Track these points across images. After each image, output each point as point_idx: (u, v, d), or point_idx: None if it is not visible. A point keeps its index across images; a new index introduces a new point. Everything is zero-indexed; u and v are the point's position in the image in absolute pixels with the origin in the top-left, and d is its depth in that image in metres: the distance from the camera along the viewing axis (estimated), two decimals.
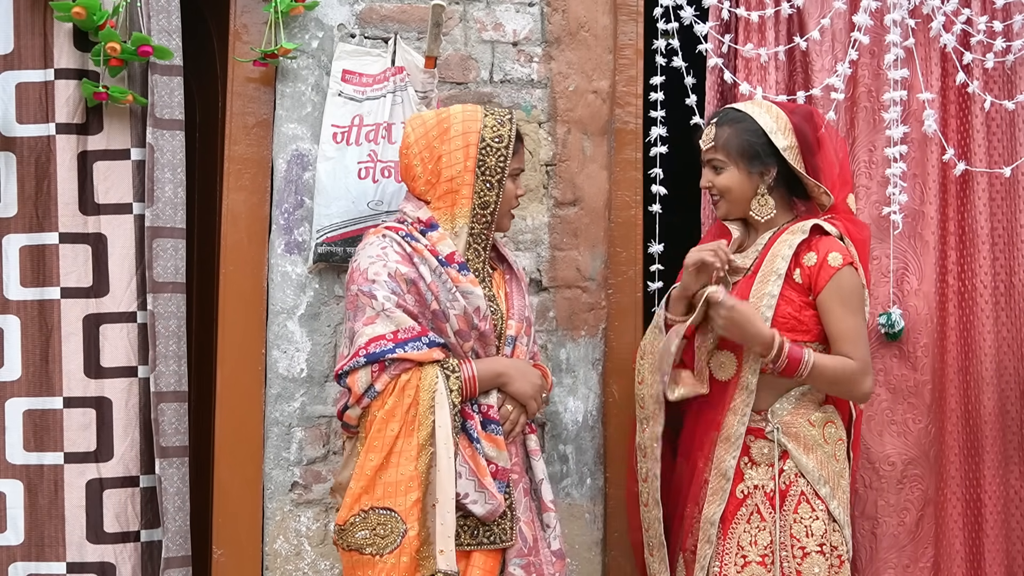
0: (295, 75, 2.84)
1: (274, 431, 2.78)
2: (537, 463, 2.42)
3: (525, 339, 2.42)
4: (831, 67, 2.89)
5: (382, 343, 2.22)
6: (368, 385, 2.23)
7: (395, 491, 2.21)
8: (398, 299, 2.26)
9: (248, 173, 2.83)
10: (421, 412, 2.23)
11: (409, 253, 2.31)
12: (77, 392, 2.70)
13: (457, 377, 2.26)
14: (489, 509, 2.25)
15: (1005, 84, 2.94)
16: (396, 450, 2.22)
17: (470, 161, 2.35)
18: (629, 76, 2.95)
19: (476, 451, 2.27)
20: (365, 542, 2.22)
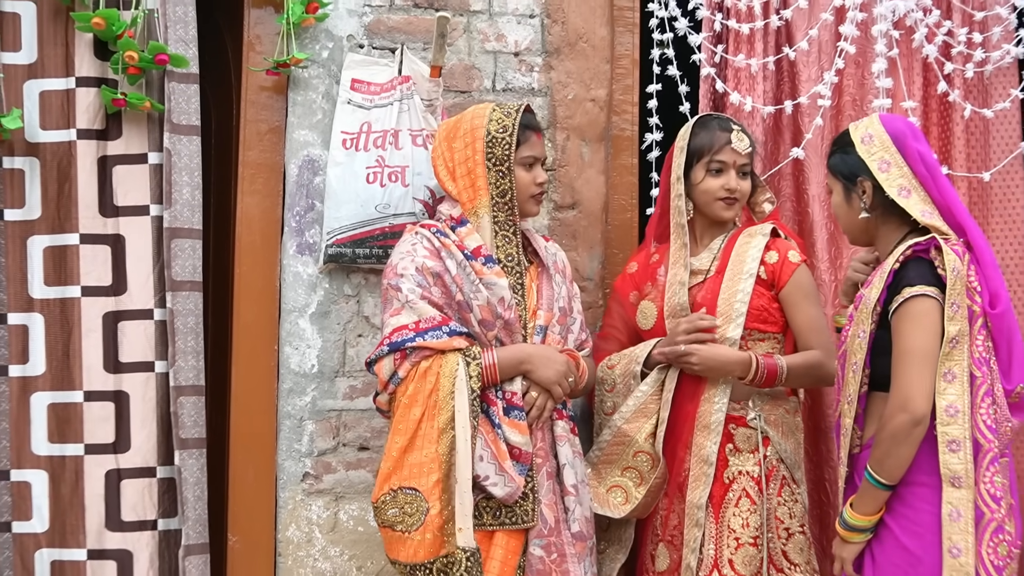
0: (306, 84, 2.86)
1: (286, 424, 2.81)
2: (563, 448, 2.44)
3: (558, 327, 2.46)
4: (818, 76, 2.94)
5: (404, 332, 2.29)
6: (392, 372, 2.31)
7: (419, 472, 2.28)
8: (423, 291, 2.33)
9: (261, 177, 2.86)
10: (442, 397, 2.29)
11: (437, 248, 2.38)
12: (97, 386, 2.73)
13: (477, 364, 2.31)
14: (508, 491, 2.31)
15: (981, 93, 2.99)
16: (420, 433, 2.29)
17: (479, 155, 2.42)
18: (625, 85, 3.00)
19: (497, 436, 2.33)
20: (395, 520, 2.29)
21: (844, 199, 2.35)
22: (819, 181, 2.95)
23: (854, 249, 2.87)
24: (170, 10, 2.73)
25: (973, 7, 2.97)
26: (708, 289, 2.56)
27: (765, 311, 2.53)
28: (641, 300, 2.67)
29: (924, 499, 2.18)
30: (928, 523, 2.17)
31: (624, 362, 2.59)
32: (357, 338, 2.85)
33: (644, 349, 2.57)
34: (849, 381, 2.26)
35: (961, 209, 2.27)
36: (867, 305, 2.23)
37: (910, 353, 2.15)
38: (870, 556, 2.24)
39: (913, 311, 2.16)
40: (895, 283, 2.19)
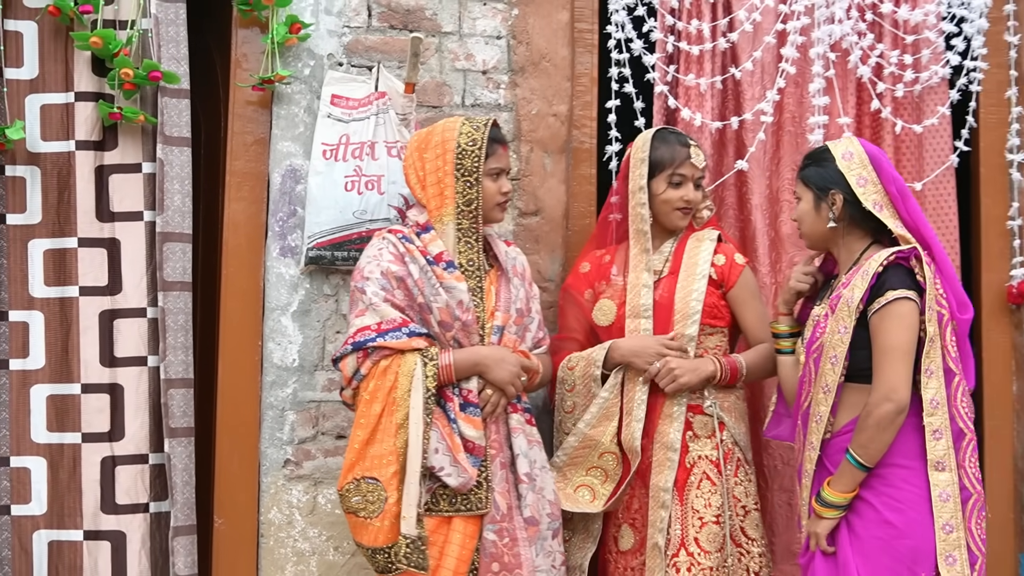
0: (289, 99, 2.92)
1: (269, 414, 2.86)
2: (517, 439, 2.51)
3: (514, 328, 2.52)
4: (760, 95, 3.02)
5: (367, 333, 2.37)
6: (355, 369, 2.38)
7: (379, 464, 2.35)
8: (386, 294, 2.41)
9: (247, 185, 2.90)
10: (399, 395, 2.36)
11: (402, 253, 2.45)
12: (94, 379, 2.79)
13: (434, 364, 2.39)
14: (462, 481, 2.38)
15: (914, 110, 3.09)
16: (380, 427, 2.36)
17: (448, 166, 2.48)
18: (585, 101, 3.07)
19: (452, 430, 2.40)
20: (359, 506, 2.36)
21: (813, 207, 2.46)
22: (761, 191, 3.04)
23: (792, 255, 3.01)
24: (163, 30, 2.79)
25: (904, 31, 3.06)
26: (665, 288, 2.66)
27: (715, 308, 2.68)
28: (597, 298, 2.71)
29: (904, 479, 2.31)
30: (908, 500, 2.31)
31: (583, 364, 2.65)
32: (335, 335, 2.90)
33: (600, 352, 2.63)
34: (826, 372, 2.35)
35: (928, 227, 2.43)
36: (848, 304, 2.33)
37: (894, 349, 2.28)
38: (848, 531, 2.34)
39: (897, 311, 2.29)
40: (878, 285, 2.31)
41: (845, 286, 2.39)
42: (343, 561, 2.88)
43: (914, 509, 2.31)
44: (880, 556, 2.31)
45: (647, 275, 2.66)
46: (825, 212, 2.45)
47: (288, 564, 2.85)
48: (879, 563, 2.31)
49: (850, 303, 2.33)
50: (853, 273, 2.39)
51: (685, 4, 3.05)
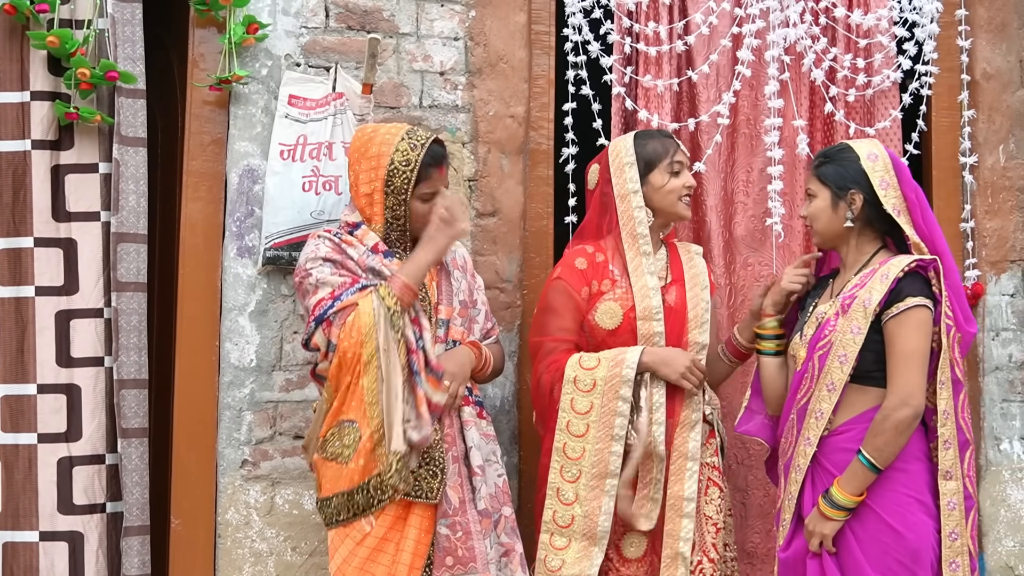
0: (247, 99, 2.93)
1: (226, 414, 2.88)
2: (470, 432, 2.52)
3: (459, 320, 2.55)
4: (716, 97, 3.07)
5: (324, 304, 2.40)
6: (327, 342, 2.40)
7: (358, 405, 2.38)
8: (332, 270, 2.44)
9: (204, 185, 2.91)
10: (366, 332, 2.36)
11: (338, 243, 2.48)
12: (50, 379, 2.80)
13: (386, 288, 2.38)
14: (423, 435, 2.38)
15: (866, 113, 3.15)
16: (357, 372, 2.38)
17: (378, 182, 2.49)
18: (542, 103, 3.11)
19: (416, 383, 2.40)
20: (338, 452, 2.40)
21: (830, 205, 2.48)
22: (716, 193, 3.10)
23: (746, 256, 3.06)
24: (120, 30, 2.81)
25: (857, 35, 3.12)
26: (675, 295, 2.68)
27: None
28: (595, 298, 2.65)
29: (902, 483, 2.36)
30: (907, 504, 2.36)
31: (608, 364, 2.57)
32: (293, 335, 2.92)
33: (635, 355, 2.56)
34: (833, 370, 2.39)
35: (942, 238, 2.48)
36: (864, 305, 2.36)
37: (912, 355, 2.33)
38: (851, 533, 2.37)
39: (916, 318, 2.34)
40: (896, 291, 2.35)
41: (860, 287, 2.41)
42: (301, 561, 2.91)
43: (913, 513, 2.36)
44: (882, 558, 2.35)
45: (651, 278, 2.65)
46: (843, 211, 2.47)
47: (246, 565, 2.87)
48: (881, 564, 2.35)
49: (867, 305, 2.36)
50: (868, 275, 2.42)
51: (642, 6, 3.09)
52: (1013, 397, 3.22)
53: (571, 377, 2.56)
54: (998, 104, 3.27)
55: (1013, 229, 3.24)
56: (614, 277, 2.66)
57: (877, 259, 2.48)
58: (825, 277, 2.67)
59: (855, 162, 2.49)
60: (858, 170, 2.47)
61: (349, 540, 2.43)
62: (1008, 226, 3.23)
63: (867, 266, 2.48)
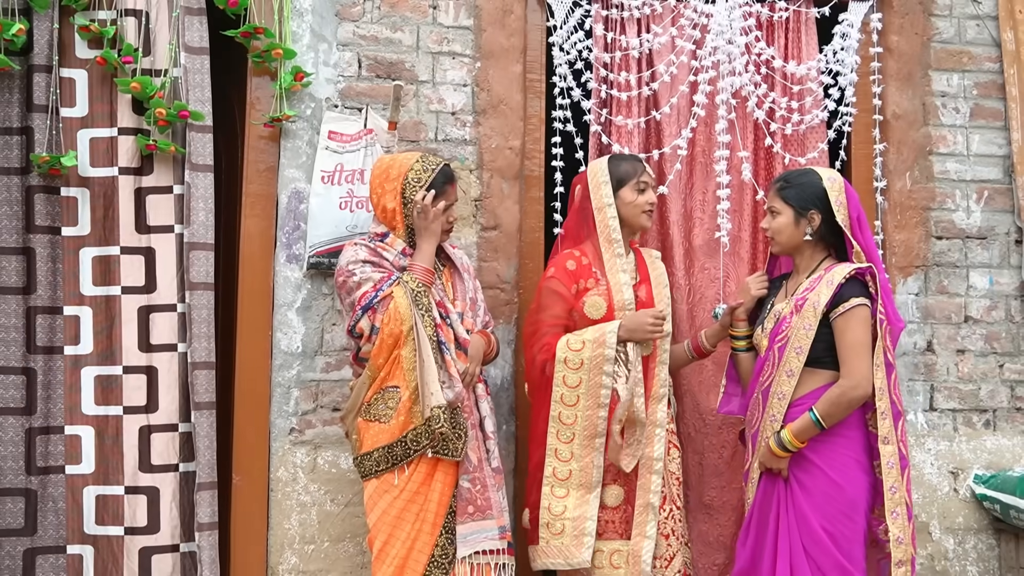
0: (294, 134, 3.15)
1: (277, 391, 3.11)
2: (483, 404, 2.74)
3: (470, 314, 2.76)
4: (676, 133, 3.25)
5: (368, 295, 2.58)
6: (371, 326, 2.58)
7: (400, 373, 2.57)
8: (372, 268, 2.62)
9: (259, 205, 3.14)
10: (403, 312, 2.56)
11: (374, 248, 2.66)
12: (133, 362, 3.06)
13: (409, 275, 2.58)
14: (455, 392, 2.57)
15: (799, 146, 3.38)
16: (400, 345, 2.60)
17: (398, 197, 2.68)
18: (535, 137, 3.30)
19: (444, 352, 2.61)
20: (381, 413, 2.57)
21: (792, 222, 2.64)
22: (678, 210, 3.30)
23: (703, 262, 3.27)
24: (191, 77, 3.07)
25: (791, 82, 3.34)
26: (644, 292, 2.83)
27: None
28: (582, 294, 2.78)
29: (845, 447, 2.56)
30: (847, 463, 2.54)
31: (592, 345, 2.71)
32: (332, 326, 3.17)
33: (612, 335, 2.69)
34: (791, 359, 2.57)
35: (875, 250, 2.67)
36: (815, 307, 2.53)
37: (861, 345, 2.51)
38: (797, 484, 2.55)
39: (858, 315, 2.53)
40: (840, 293, 2.53)
41: (810, 291, 2.58)
42: (338, 511, 3.16)
43: (851, 470, 2.55)
44: (826, 505, 2.54)
45: (624, 275, 2.79)
46: (803, 227, 2.65)
47: (293, 514, 3.12)
48: (826, 510, 2.53)
49: (816, 306, 2.54)
50: (816, 280, 2.59)
51: (615, 60, 3.26)
52: (917, 377, 3.47)
53: (561, 358, 2.73)
54: (905, 139, 3.45)
55: (917, 240, 3.42)
56: (597, 276, 2.81)
57: (823, 266, 2.67)
58: (779, 279, 2.87)
59: (816, 184, 2.66)
60: (818, 192, 2.64)
61: (387, 495, 2.61)
62: (913, 238, 3.43)
63: (815, 272, 2.66)
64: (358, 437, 2.68)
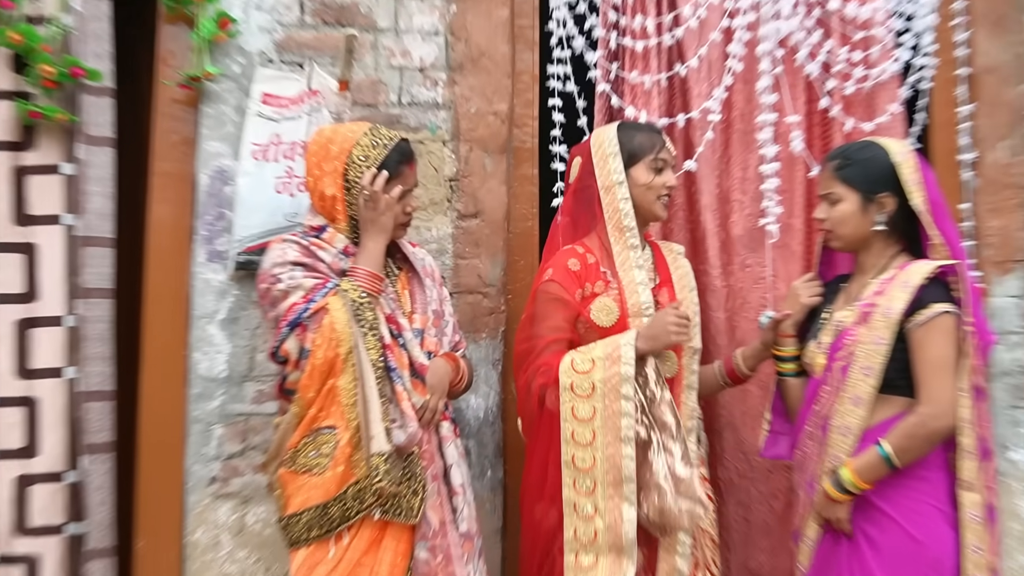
0: (218, 97, 2.90)
1: (195, 428, 2.83)
2: (449, 449, 2.45)
3: (433, 331, 2.49)
4: (707, 92, 3.00)
5: (297, 308, 2.32)
6: (299, 348, 2.32)
7: (337, 410, 2.31)
8: (304, 273, 2.37)
9: (173, 187, 2.89)
10: (341, 332, 2.29)
11: (307, 246, 2.40)
12: (7, 392, 2.74)
13: (348, 281, 2.32)
14: (409, 434, 2.31)
15: (864, 108, 3.07)
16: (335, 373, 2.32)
17: (339, 180, 2.41)
18: (526, 99, 3.07)
19: (395, 382, 2.34)
20: (313, 463, 2.31)
21: (859, 209, 2.43)
22: (710, 191, 3.03)
23: (743, 257, 2.98)
24: (86, 26, 2.79)
25: (854, 28, 3.06)
26: (667, 297, 2.62)
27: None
28: (588, 299, 2.58)
29: (925, 492, 2.34)
30: (929, 513, 2.34)
31: (605, 364, 2.44)
32: (265, 343, 2.87)
33: (629, 349, 2.42)
34: (857, 383, 2.35)
35: (960, 242, 2.46)
36: (887, 315, 2.32)
37: (944, 364, 2.31)
38: (867, 543, 2.35)
39: (943, 326, 2.31)
40: (920, 298, 2.33)
41: (881, 295, 2.38)
42: None
43: (934, 522, 2.34)
44: (904, 569, 2.33)
45: (640, 272, 2.57)
46: (872, 215, 2.44)
47: None
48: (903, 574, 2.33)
49: (888, 314, 2.33)
50: (887, 282, 2.39)
51: (628, 0, 3.05)
52: (1020, 404, 3.14)
53: (567, 384, 2.44)
54: (998, 98, 3.17)
55: (1017, 228, 3.15)
56: (607, 278, 2.59)
57: (896, 263, 2.45)
58: (834, 281, 2.63)
59: (884, 160, 2.44)
60: (887, 169, 2.42)
61: (321, 569, 2.32)
62: (1012, 225, 3.15)
63: (885, 271, 2.44)
64: (283, 493, 2.39)
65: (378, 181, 2.38)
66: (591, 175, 2.62)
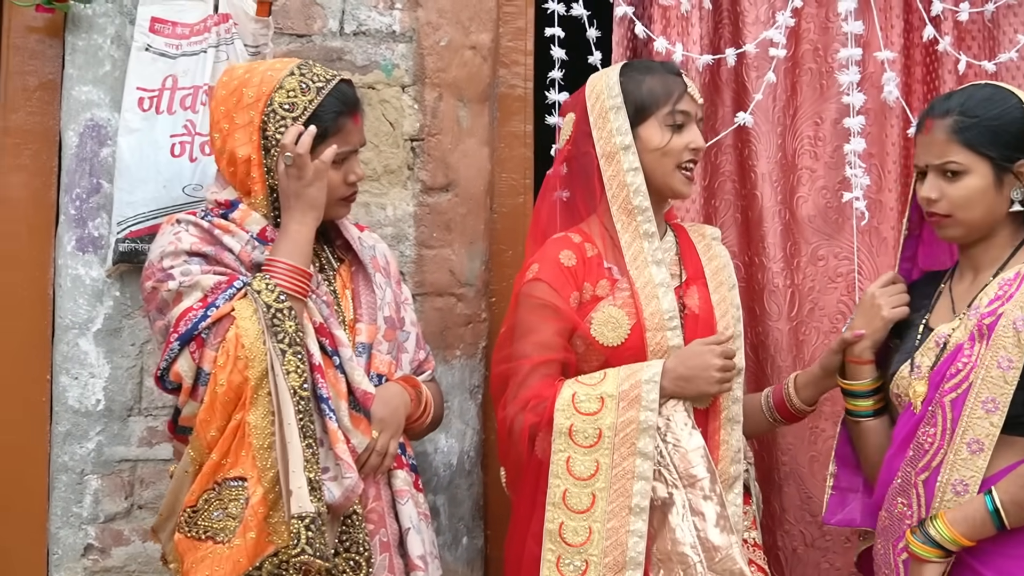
0: (90, 24, 2.66)
1: (62, 479, 2.59)
2: (405, 507, 2.25)
3: (386, 345, 2.29)
4: (768, 19, 2.74)
5: (193, 315, 2.11)
6: (194, 370, 2.12)
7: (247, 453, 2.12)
8: (202, 268, 2.19)
9: (29, 149, 2.65)
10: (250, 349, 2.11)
11: (208, 229, 2.19)
12: None
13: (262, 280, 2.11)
14: (347, 486, 2.11)
15: (986, 40, 2.78)
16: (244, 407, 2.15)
17: (256, 136, 2.21)
18: (516, 28, 2.83)
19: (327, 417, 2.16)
20: (219, 526, 2.11)
21: (993, 183, 2.24)
22: (770, 155, 2.78)
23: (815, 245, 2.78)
24: None
25: None
26: (700, 298, 2.43)
27: None
28: (595, 303, 2.38)
29: None
30: None
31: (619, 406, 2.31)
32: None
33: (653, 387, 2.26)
34: (976, 422, 2.18)
35: None
36: (1015, 328, 2.17)
37: None
38: None
39: None
40: None
41: (1005, 300, 2.21)
42: None
43: None
44: None
45: (658, 269, 2.36)
46: (1008, 190, 2.24)
47: None
48: None
49: (1020, 326, 2.17)
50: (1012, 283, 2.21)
51: None
52: None
53: (564, 427, 2.24)
54: None
55: None
56: (613, 276, 2.37)
57: (1021, 257, 2.24)
58: (925, 281, 2.41)
59: (1016, 114, 2.20)
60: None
61: None
62: None
63: (1007, 266, 2.22)
64: (181, 567, 2.19)
65: (304, 139, 2.15)
66: (588, 138, 2.40)
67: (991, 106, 2.24)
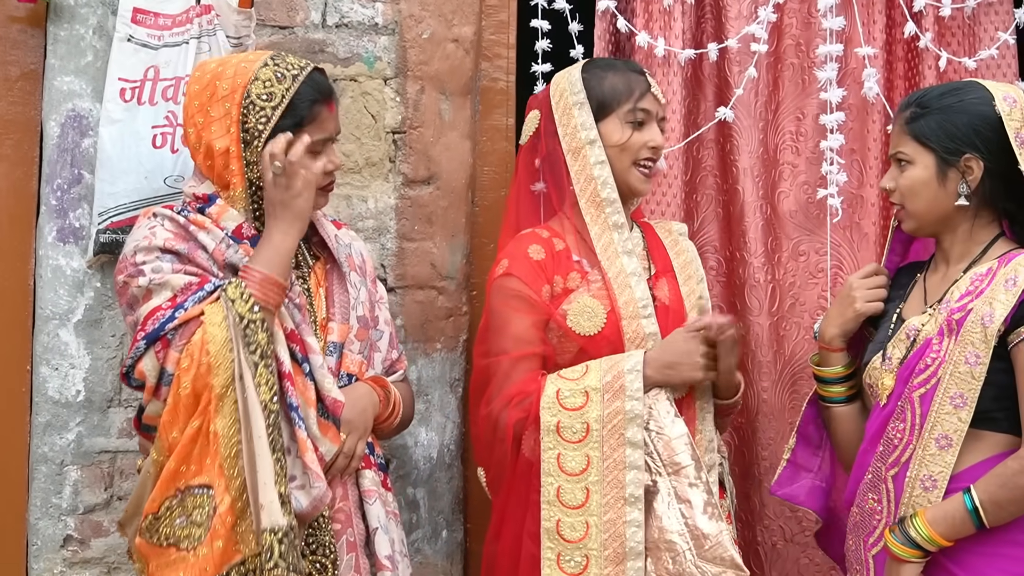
0: (72, 14, 2.70)
1: (41, 470, 2.63)
2: (373, 507, 2.27)
3: (357, 345, 2.31)
4: (751, 13, 2.79)
5: (160, 315, 2.12)
6: (159, 370, 2.12)
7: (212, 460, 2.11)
8: (173, 266, 2.20)
9: (10, 139, 2.69)
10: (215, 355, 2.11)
11: (184, 225, 2.21)
12: None
13: (236, 287, 2.10)
14: (315, 496, 2.13)
15: (966, 37, 2.83)
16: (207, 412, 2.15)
17: (234, 127, 2.22)
18: (499, 21, 2.87)
19: (296, 425, 2.16)
20: (182, 533, 2.11)
21: (936, 175, 2.28)
22: (752, 151, 2.84)
23: (797, 240, 2.83)
24: None
25: None
26: (670, 290, 2.47)
27: None
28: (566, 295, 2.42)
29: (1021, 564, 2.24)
30: None
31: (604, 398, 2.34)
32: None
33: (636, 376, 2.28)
34: (944, 417, 2.22)
35: None
36: (983, 324, 2.20)
37: None
38: None
39: None
40: None
41: (975, 296, 2.25)
42: None
43: None
44: None
45: (629, 260, 2.42)
46: (954, 184, 2.27)
47: None
48: None
49: (987, 322, 2.20)
50: (984, 278, 2.26)
51: None
52: None
53: (551, 424, 2.28)
54: None
55: None
56: (584, 268, 2.42)
57: (994, 252, 2.27)
58: (905, 270, 2.44)
59: (978, 108, 2.24)
60: (983, 120, 2.23)
61: None
62: None
63: (978, 261, 2.27)
64: (144, 568, 2.19)
65: (296, 148, 2.16)
66: (553, 135, 2.46)
67: (946, 99, 2.28)
